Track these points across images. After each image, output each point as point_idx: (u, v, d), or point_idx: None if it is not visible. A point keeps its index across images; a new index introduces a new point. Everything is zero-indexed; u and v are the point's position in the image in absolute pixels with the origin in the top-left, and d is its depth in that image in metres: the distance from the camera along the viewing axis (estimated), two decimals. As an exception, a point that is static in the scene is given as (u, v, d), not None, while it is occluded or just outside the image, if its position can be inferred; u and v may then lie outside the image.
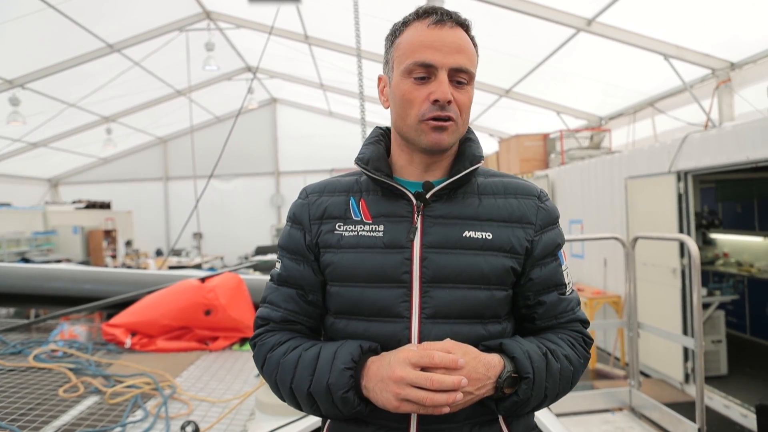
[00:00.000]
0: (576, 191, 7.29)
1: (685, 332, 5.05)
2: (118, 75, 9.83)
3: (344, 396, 0.97)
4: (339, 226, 1.10)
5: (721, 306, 5.78)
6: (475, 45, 1.10)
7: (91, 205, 13.86)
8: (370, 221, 1.09)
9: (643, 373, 5.50)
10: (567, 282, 1.15)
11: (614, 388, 3.72)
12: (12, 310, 6.17)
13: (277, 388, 1.08)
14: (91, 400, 2.34)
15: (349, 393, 0.97)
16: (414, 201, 1.08)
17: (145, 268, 10.28)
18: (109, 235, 13.03)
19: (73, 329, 3.38)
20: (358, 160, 1.12)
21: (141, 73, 10.34)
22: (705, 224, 6.94)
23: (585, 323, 1.17)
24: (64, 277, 3.94)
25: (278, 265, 1.17)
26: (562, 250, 1.16)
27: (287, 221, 1.19)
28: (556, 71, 7.80)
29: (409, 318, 1.04)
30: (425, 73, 1.03)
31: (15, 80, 8.98)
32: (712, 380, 5.28)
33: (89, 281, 3.82)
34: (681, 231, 5.16)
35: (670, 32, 5.99)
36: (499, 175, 1.18)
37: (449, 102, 1.02)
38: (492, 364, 0.98)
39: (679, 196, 5.19)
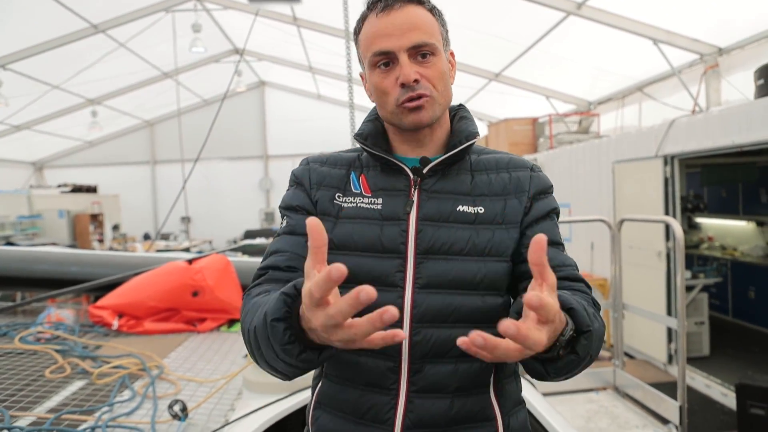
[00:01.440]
0: (564, 175, 7.33)
1: (669, 314, 5.13)
2: (104, 56, 9.65)
3: (273, 324, 0.81)
4: (338, 197, 1.13)
5: (705, 288, 5.87)
6: (436, 15, 1.10)
7: (77, 189, 13.69)
8: (370, 194, 1.12)
9: (627, 355, 5.59)
10: (563, 243, 1.15)
11: (598, 369, 3.78)
12: (-3, 293, 6.11)
13: (247, 341, 0.95)
14: (78, 382, 2.35)
15: (279, 323, 0.80)
16: (411, 175, 1.11)
17: (132, 252, 10.22)
18: (95, 219, 12.91)
19: (60, 312, 3.37)
20: (357, 136, 1.15)
21: (127, 54, 10.16)
22: (690, 208, 7.03)
23: (588, 287, 1.10)
24: (50, 259, 3.91)
25: (284, 222, 1.16)
26: (556, 217, 1.16)
27: (290, 184, 1.20)
28: (545, 55, 7.78)
29: (403, 287, 1.05)
30: (386, 59, 1.06)
31: (-4, 61, 8.79)
32: (694, 361, 5.39)
33: (75, 263, 3.79)
34: (667, 215, 5.22)
35: (660, 17, 5.99)
36: (491, 152, 1.20)
37: (416, 81, 1.04)
38: (561, 318, 0.82)
39: (666, 180, 5.24)
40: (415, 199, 1.09)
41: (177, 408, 1.91)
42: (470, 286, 1.06)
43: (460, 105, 1.22)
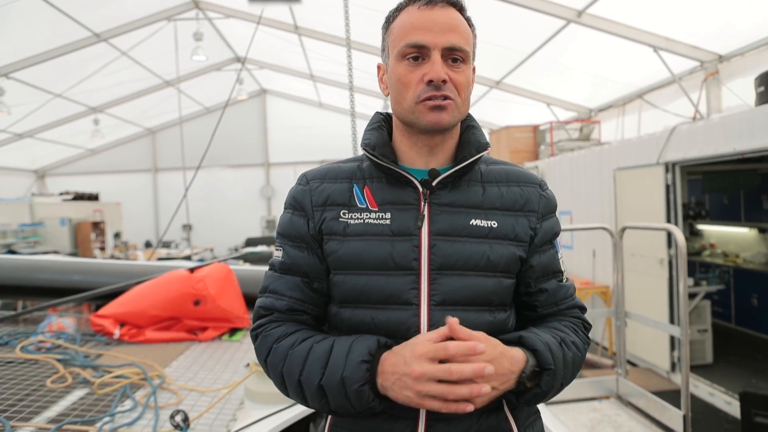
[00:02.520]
0: (565, 182, 7.33)
1: (671, 321, 5.11)
2: (106, 65, 9.70)
3: (360, 390, 0.95)
4: (344, 214, 1.08)
5: (707, 296, 5.85)
6: (471, 26, 1.10)
7: (79, 197, 13.72)
8: (376, 209, 1.08)
9: (630, 363, 5.57)
10: (563, 270, 1.17)
11: (601, 377, 3.77)
12: (-1, 302, 6.11)
13: (282, 381, 1.05)
14: (79, 391, 2.34)
15: (365, 387, 0.95)
16: (420, 188, 1.07)
17: (134, 260, 10.21)
18: (97, 227, 12.92)
19: (61, 321, 3.36)
20: (365, 146, 1.11)
21: (129, 63, 10.21)
22: (692, 215, 7.01)
23: (583, 309, 1.18)
24: (51, 268, 3.91)
25: (279, 254, 1.14)
26: (558, 238, 1.18)
27: (287, 208, 1.15)
28: (546, 63, 7.81)
29: (418, 305, 1.03)
30: (418, 53, 1.03)
31: (-1, 69, 8.84)
32: (697, 369, 5.36)
33: (77, 272, 3.79)
34: (668, 222, 5.21)
35: (660, 24, 6.01)
36: (501, 163, 1.18)
37: (444, 81, 1.01)
38: (516, 358, 0.98)
39: (667, 187, 5.24)
40: (425, 213, 1.06)
41: (179, 418, 1.90)
42: (485, 303, 1.05)
43: (468, 115, 1.18)
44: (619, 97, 8.11)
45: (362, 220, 1.07)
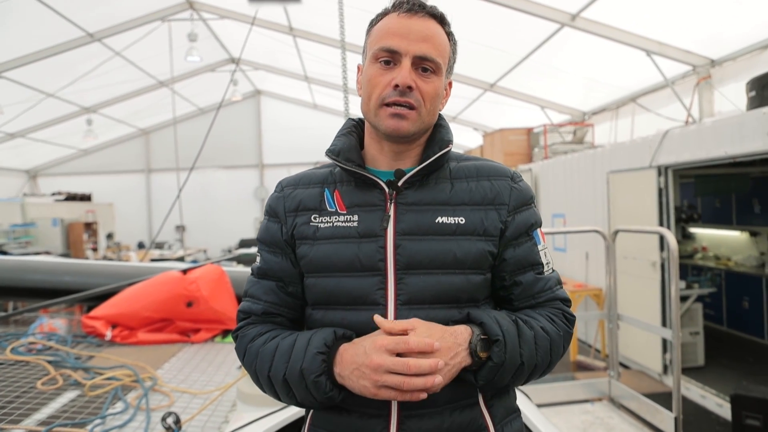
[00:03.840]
0: (559, 185, 7.36)
1: (664, 324, 5.13)
2: (99, 65, 9.66)
3: (316, 380, 0.99)
4: (314, 218, 1.12)
5: (699, 299, 5.89)
6: (451, 40, 1.12)
7: (72, 197, 13.64)
8: (345, 211, 1.11)
9: (622, 365, 5.59)
10: (545, 262, 1.16)
11: (594, 379, 3.78)
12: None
13: (257, 378, 1.10)
14: (70, 393, 2.32)
15: (321, 377, 0.99)
16: (386, 189, 1.10)
17: (126, 261, 10.16)
18: (89, 227, 12.84)
19: (53, 322, 3.33)
20: (329, 152, 1.14)
21: (122, 63, 10.16)
22: (684, 218, 7.06)
23: (566, 302, 1.17)
24: (43, 269, 3.88)
25: (258, 259, 1.19)
26: (539, 230, 1.17)
27: (264, 215, 1.20)
28: (540, 66, 7.84)
29: (385, 305, 1.05)
30: (390, 57, 1.05)
31: (-9, 69, 8.78)
32: (689, 371, 5.39)
33: (69, 273, 3.77)
34: (661, 225, 5.24)
35: (653, 28, 6.05)
36: (472, 159, 1.19)
37: (410, 88, 1.04)
38: (459, 332, 1.00)
39: (660, 191, 5.27)
40: (391, 213, 1.08)
41: (170, 420, 1.90)
42: (452, 300, 1.06)
43: (439, 114, 1.19)
44: (612, 101, 8.16)
45: (331, 223, 1.10)
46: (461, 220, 1.08)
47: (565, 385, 3.76)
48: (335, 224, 1.10)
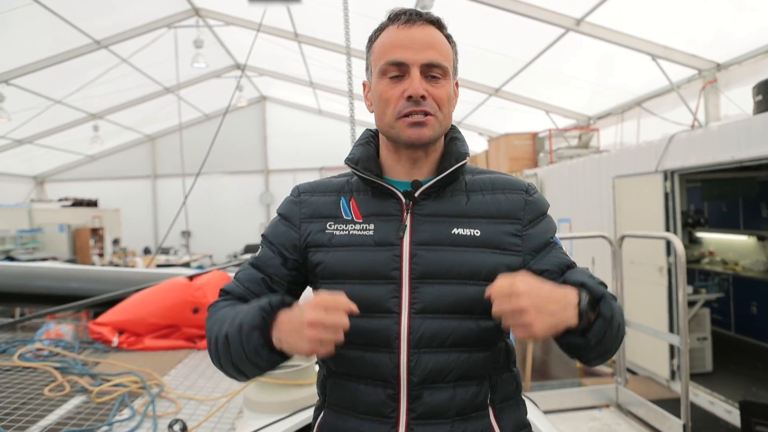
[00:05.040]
0: (564, 190, 7.34)
1: (671, 330, 5.10)
2: (106, 72, 9.72)
3: (250, 333, 0.98)
4: (330, 225, 1.13)
5: (707, 304, 5.84)
6: (451, 43, 1.14)
7: (78, 203, 13.71)
8: (361, 220, 1.11)
9: (630, 371, 5.56)
10: (573, 262, 1.15)
11: (601, 385, 3.76)
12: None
13: (214, 345, 1.08)
14: (77, 400, 2.33)
15: (256, 332, 0.98)
16: (403, 199, 1.10)
17: (132, 267, 10.19)
18: (96, 233, 12.90)
19: (60, 328, 3.35)
20: (348, 160, 1.15)
21: (129, 70, 10.23)
22: (691, 223, 7.02)
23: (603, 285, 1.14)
24: (50, 275, 3.91)
25: (260, 249, 1.20)
26: (556, 235, 1.17)
27: (278, 214, 1.21)
28: (545, 70, 7.84)
29: (399, 313, 1.05)
30: (398, 71, 1.06)
31: None
32: (697, 377, 5.34)
33: (75, 279, 3.79)
34: (668, 230, 5.21)
35: (658, 32, 6.04)
36: (487, 172, 1.20)
37: (423, 97, 1.05)
38: (565, 291, 0.96)
39: (666, 195, 5.24)
40: (408, 223, 1.09)
41: (177, 427, 1.90)
42: (466, 311, 1.06)
43: (452, 126, 1.21)
44: (617, 105, 8.14)
45: (347, 232, 1.11)
46: (477, 233, 1.08)
47: (572, 392, 3.74)
48: (351, 232, 1.11)
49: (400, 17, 1.09)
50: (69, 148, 13.80)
